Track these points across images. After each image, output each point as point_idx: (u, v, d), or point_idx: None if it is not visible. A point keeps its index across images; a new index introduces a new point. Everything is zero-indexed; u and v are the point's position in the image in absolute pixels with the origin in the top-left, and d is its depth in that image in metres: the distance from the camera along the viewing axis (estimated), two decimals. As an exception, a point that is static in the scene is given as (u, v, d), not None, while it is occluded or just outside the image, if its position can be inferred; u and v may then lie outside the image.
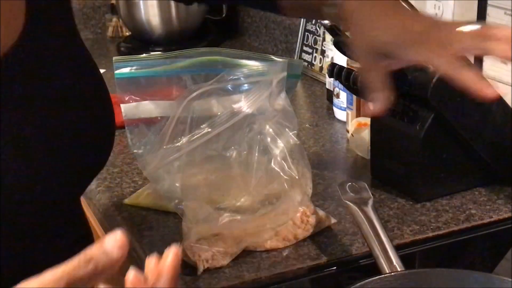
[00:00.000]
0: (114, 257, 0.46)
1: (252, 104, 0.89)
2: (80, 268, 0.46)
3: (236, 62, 0.96)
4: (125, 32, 2.00)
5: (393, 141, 0.99)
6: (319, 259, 0.85)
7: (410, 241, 0.89)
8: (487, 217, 0.93)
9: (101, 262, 0.46)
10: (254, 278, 0.82)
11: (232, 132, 0.88)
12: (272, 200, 0.86)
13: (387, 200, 0.98)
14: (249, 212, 0.85)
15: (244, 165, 0.86)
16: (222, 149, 0.88)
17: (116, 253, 0.46)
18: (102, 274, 0.46)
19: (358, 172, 1.09)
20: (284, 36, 1.75)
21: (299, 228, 0.88)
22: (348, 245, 0.87)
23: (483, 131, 0.96)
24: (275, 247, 0.87)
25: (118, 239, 0.46)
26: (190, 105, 0.90)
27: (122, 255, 0.46)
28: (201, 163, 0.89)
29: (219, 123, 0.89)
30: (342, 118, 1.28)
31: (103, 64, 1.74)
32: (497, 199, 0.97)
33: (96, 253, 0.46)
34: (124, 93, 0.94)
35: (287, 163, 0.86)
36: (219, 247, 0.83)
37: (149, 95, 0.95)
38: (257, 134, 0.87)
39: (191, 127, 0.89)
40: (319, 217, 0.90)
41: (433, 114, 0.93)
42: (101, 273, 0.46)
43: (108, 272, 0.46)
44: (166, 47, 1.77)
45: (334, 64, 1.00)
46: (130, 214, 0.97)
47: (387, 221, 0.92)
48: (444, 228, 0.91)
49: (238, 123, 0.89)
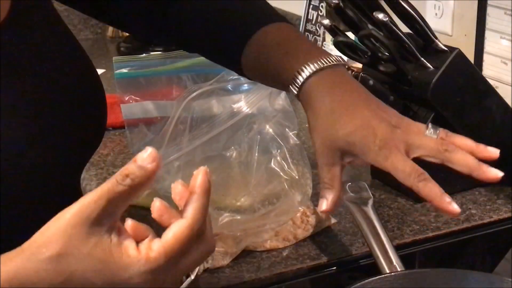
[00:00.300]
0: (148, 169, 0.49)
1: (252, 104, 0.89)
2: (119, 185, 0.49)
3: (236, 62, 0.96)
4: (125, 32, 2.00)
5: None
6: (319, 259, 0.85)
7: (410, 241, 0.89)
8: (487, 217, 0.93)
9: (137, 176, 0.49)
10: (254, 278, 0.82)
11: (232, 132, 0.88)
12: (272, 200, 0.86)
13: (387, 200, 0.98)
14: (249, 212, 0.85)
15: (244, 165, 0.86)
16: (222, 149, 0.88)
17: (150, 165, 0.49)
18: (140, 188, 0.50)
19: (358, 172, 1.09)
20: (284, 36, 1.75)
21: (299, 228, 0.88)
22: (348, 245, 0.87)
23: (483, 131, 0.96)
24: (275, 247, 0.87)
25: (149, 153, 0.49)
26: (190, 105, 0.90)
27: (156, 167, 0.49)
28: (201, 163, 0.89)
29: (219, 123, 0.89)
30: (342, 118, 1.28)
31: (103, 64, 1.74)
32: (497, 199, 0.97)
33: (132, 168, 0.49)
34: (124, 93, 0.95)
35: (287, 163, 0.86)
36: (219, 247, 0.83)
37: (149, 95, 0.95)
38: (257, 134, 0.87)
39: (191, 127, 0.89)
40: (319, 217, 0.90)
41: (433, 114, 0.93)
42: (139, 187, 0.50)
43: (144, 187, 0.50)
44: (166, 47, 1.77)
45: (334, 64, 1.00)
46: (130, 214, 0.97)
47: (387, 221, 0.92)
48: (444, 228, 0.91)
49: (238, 123, 0.89)
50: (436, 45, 0.92)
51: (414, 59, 0.92)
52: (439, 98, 0.91)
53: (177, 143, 0.89)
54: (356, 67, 1.07)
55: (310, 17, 1.60)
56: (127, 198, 0.51)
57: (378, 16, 0.87)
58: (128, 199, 0.51)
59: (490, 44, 1.12)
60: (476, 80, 0.95)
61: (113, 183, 0.49)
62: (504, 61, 1.10)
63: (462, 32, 1.18)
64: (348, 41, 0.95)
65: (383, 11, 0.87)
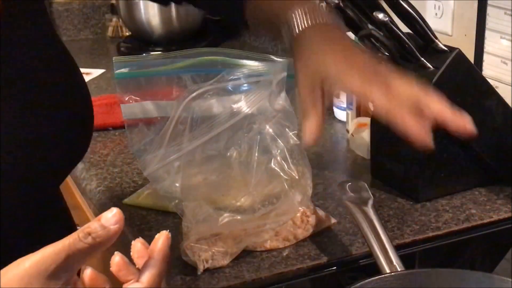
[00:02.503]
0: (111, 231, 0.50)
1: (252, 104, 0.89)
2: (80, 241, 0.50)
3: (236, 62, 0.96)
4: (125, 32, 2.00)
5: (393, 141, 0.98)
6: (319, 259, 0.85)
7: (410, 241, 0.89)
8: (487, 217, 0.93)
9: (99, 236, 0.50)
10: (254, 278, 0.82)
11: (232, 132, 0.88)
12: (272, 200, 0.86)
13: (387, 200, 0.98)
14: (249, 212, 0.85)
15: (244, 165, 0.86)
16: (222, 149, 0.88)
17: (113, 226, 0.50)
18: (100, 247, 0.51)
19: (358, 172, 1.09)
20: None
21: (299, 228, 0.88)
22: (348, 245, 0.87)
23: (483, 131, 0.96)
24: (275, 247, 0.87)
25: (114, 213, 0.50)
26: (190, 105, 0.90)
27: (119, 229, 0.50)
28: (201, 163, 0.89)
29: (219, 123, 0.89)
30: (342, 118, 1.28)
31: (103, 64, 1.74)
32: (497, 199, 0.97)
33: (94, 227, 0.50)
34: (124, 93, 0.94)
35: (287, 163, 0.86)
36: (219, 247, 0.83)
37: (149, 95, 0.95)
38: (257, 134, 0.87)
39: (191, 127, 0.89)
40: (319, 217, 0.90)
41: (433, 114, 0.93)
42: (99, 246, 0.50)
43: (105, 246, 0.51)
44: (166, 47, 1.77)
45: (334, 64, 1.00)
46: (130, 214, 0.97)
47: (387, 221, 0.92)
48: (444, 228, 0.91)
49: (238, 123, 0.88)
50: (436, 45, 0.92)
51: (414, 59, 0.92)
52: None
53: (177, 143, 0.89)
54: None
55: (310, 17, 1.60)
56: (86, 254, 0.51)
57: (378, 16, 0.87)
58: (88, 255, 0.51)
59: (490, 44, 1.12)
60: (476, 80, 0.95)
61: (74, 239, 0.50)
62: (504, 61, 1.10)
63: (462, 32, 1.18)
64: (348, 41, 0.95)
65: (383, 11, 0.87)
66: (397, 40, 0.90)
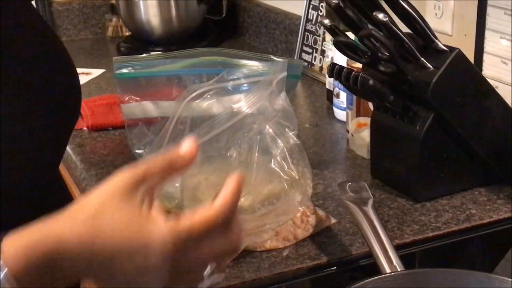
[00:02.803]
0: (186, 158, 0.59)
1: (252, 104, 0.89)
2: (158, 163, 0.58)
3: (236, 62, 0.96)
4: (125, 32, 2.00)
5: (393, 141, 0.99)
6: (319, 259, 0.85)
7: (410, 241, 0.89)
8: (487, 217, 0.93)
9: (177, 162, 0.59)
10: (254, 278, 0.82)
11: (232, 132, 0.88)
12: (272, 200, 0.86)
13: (387, 200, 0.98)
14: (249, 212, 0.85)
15: (244, 165, 0.86)
16: (222, 149, 0.88)
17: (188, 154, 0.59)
18: (175, 172, 0.58)
19: (358, 172, 1.09)
20: (284, 36, 1.75)
21: (299, 228, 0.88)
22: (348, 245, 0.87)
23: (483, 131, 0.96)
24: (275, 247, 0.87)
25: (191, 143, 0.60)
26: (190, 105, 0.90)
27: (193, 157, 0.59)
28: (201, 163, 0.89)
29: (219, 123, 0.89)
30: (342, 118, 1.28)
31: (103, 64, 1.74)
32: (497, 199, 0.97)
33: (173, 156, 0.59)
34: (124, 93, 0.95)
35: (287, 163, 0.86)
36: (219, 247, 0.83)
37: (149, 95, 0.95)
38: (257, 134, 0.87)
39: (191, 127, 0.89)
40: (319, 217, 0.90)
41: (433, 114, 0.93)
42: (175, 170, 0.58)
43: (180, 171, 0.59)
44: (166, 47, 1.77)
45: (334, 64, 1.00)
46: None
47: (387, 221, 0.92)
48: (444, 228, 0.91)
49: (238, 123, 0.88)
50: (436, 45, 0.92)
51: (414, 59, 0.92)
52: (439, 98, 0.91)
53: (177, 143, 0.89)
54: (356, 67, 1.07)
55: (310, 17, 1.60)
56: (163, 176, 0.57)
57: (378, 16, 0.87)
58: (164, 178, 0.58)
59: (490, 44, 1.12)
60: (476, 80, 0.95)
61: (154, 162, 0.57)
62: (504, 61, 1.10)
63: (462, 32, 1.18)
64: (348, 41, 0.95)
65: (383, 11, 0.87)
66: (397, 40, 0.90)
